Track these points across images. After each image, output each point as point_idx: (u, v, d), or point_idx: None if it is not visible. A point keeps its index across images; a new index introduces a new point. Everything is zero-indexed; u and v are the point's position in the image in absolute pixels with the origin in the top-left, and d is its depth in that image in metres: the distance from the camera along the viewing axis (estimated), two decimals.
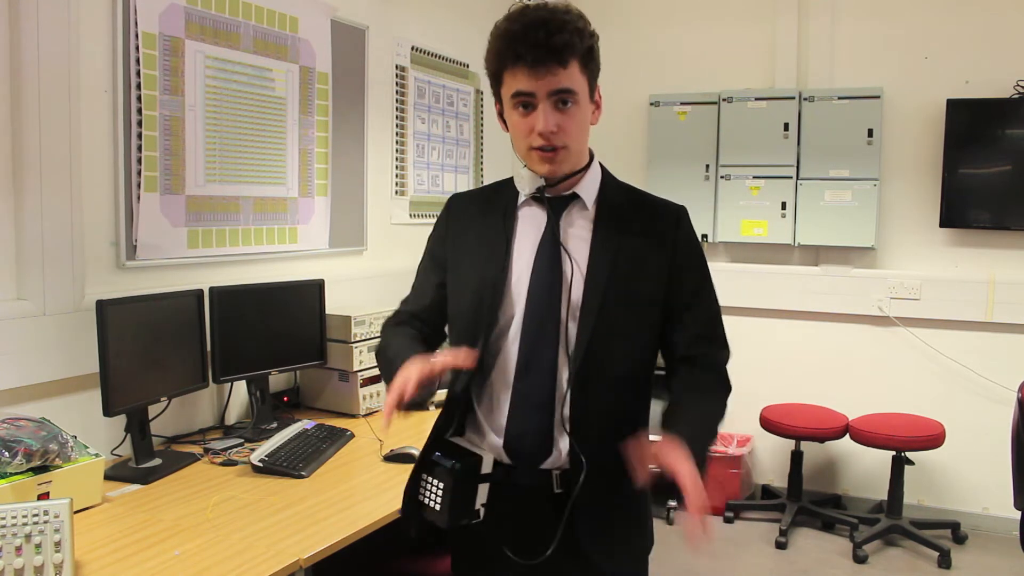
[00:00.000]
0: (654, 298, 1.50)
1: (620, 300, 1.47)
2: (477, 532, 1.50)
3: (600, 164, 1.57)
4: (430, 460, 1.48)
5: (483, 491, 1.46)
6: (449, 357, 1.40)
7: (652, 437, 1.39)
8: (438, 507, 1.44)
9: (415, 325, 1.64)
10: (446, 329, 1.65)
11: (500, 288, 1.50)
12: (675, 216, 1.54)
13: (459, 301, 1.56)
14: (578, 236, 1.51)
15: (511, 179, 1.58)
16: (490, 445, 1.51)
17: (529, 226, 1.53)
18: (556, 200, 1.51)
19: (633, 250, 1.49)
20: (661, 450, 1.32)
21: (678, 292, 1.51)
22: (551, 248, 1.49)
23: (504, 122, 1.52)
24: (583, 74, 1.44)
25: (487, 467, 1.46)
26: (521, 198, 1.55)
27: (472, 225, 1.59)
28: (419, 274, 1.68)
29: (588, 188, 1.53)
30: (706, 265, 1.56)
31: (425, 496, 1.47)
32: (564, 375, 1.47)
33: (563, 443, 1.48)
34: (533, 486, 1.50)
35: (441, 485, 1.43)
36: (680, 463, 1.29)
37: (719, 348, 1.55)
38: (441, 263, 1.61)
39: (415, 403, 1.39)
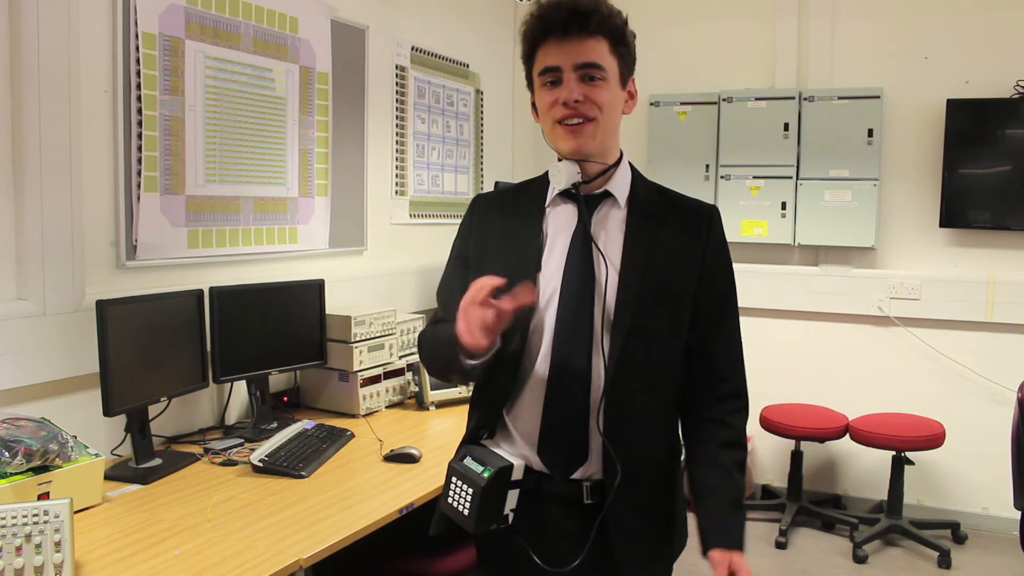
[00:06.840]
0: (685, 299, 1.47)
1: (654, 302, 1.43)
2: (504, 537, 1.48)
3: (630, 163, 1.54)
4: (461, 464, 1.46)
5: (512, 496, 1.45)
6: (510, 298, 1.31)
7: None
8: (466, 512, 1.43)
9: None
10: None
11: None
12: (708, 216, 1.52)
13: None
14: (611, 236, 1.47)
15: (539, 177, 1.54)
16: (522, 452, 1.48)
17: (559, 225, 1.49)
18: (588, 198, 1.48)
19: (666, 250, 1.46)
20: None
21: (708, 295, 1.49)
22: (583, 248, 1.45)
23: (536, 112, 1.48)
24: (612, 55, 1.43)
25: (518, 474, 1.44)
26: (551, 195, 1.50)
27: (498, 225, 1.54)
28: (445, 281, 1.61)
29: (620, 186, 1.50)
30: (731, 266, 1.54)
31: (453, 500, 1.45)
32: (599, 381, 1.43)
33: (598, 449, 1.45)
34: (564, 495, 1.47)
35: (470, 491, 1.42)
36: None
37: (743, 406, 1.53)
38: (468, 263, 1.55)
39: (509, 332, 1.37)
